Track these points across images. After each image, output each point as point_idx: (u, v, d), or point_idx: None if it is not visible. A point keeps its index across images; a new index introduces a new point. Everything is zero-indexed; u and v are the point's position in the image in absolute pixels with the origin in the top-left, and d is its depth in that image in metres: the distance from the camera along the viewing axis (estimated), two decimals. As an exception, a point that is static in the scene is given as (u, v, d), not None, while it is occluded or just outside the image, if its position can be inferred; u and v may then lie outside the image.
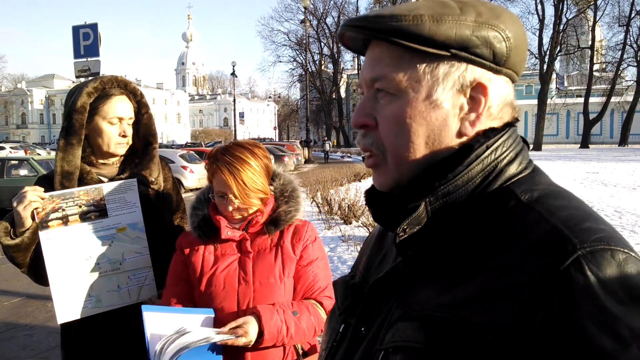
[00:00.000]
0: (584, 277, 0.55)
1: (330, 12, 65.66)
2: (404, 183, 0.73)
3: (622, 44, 48.01)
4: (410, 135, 0.71)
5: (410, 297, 0.69)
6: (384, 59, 0.72)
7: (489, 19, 0.69)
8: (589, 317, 0.53)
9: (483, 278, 0.61)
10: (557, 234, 0.59)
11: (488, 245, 0.64)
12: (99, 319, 1.82)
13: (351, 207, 8.84)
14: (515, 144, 0.74)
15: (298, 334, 1.57)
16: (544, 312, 0.55)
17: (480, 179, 0.70)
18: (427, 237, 0.69)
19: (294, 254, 1.68)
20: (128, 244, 1.85)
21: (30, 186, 1.75)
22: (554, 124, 64.49)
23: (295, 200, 1.74)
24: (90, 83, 1.87)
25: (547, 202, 0.66)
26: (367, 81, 0.74)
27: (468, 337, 0.59)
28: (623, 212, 9.47)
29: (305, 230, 1.73)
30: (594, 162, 24.88)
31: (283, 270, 1.66)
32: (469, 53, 0.68)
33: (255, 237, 1.69)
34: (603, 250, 0.57)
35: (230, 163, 1.59)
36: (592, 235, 0.59)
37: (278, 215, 1.69)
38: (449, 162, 0.70)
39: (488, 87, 0.70)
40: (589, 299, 0.54)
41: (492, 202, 0.68)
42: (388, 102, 0.72)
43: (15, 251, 1.73)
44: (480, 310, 0.59)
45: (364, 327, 0.76)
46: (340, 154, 41.27)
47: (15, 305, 5.49)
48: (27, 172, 11.67)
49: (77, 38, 10.02)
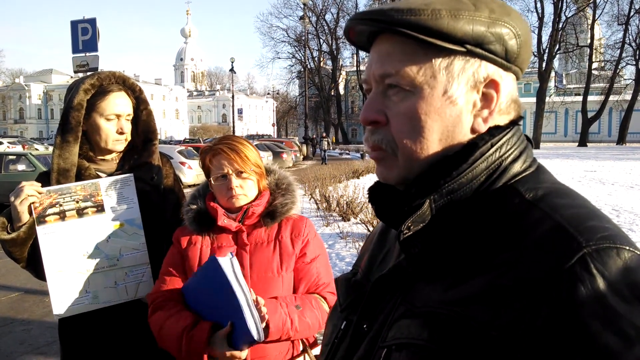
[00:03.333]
0: (590, 275, 0.55)
1: (330, 8, 65.62)
2: (410, 180, 0.73)
3: (621, 43, 48.03)
4: (424, 131, 0.70)
5: (413, 294, 0.69)
6: (396, 54, 0.70)
7: (501, 16, 0.69)
8: (594, 315, 0.53)
9: (487, 275, 0.61)
10: (562, 232, 0.59)
11: (492, 242, 0.64)
12: (96, 314, 1.81)
13: (350, 204, 8.84)
14: (520, 142, 0.74)
15: (303, 328, 1.58)
16: (548, 309, 0.55)
17: (485, 177, 0.70)
18: (431, 234, 0.69)
19: (292, 248, 1.69)
20: (125, 240, 1.85)
21: (27, 181, 1.75)
22: (553, 122, 64.55)
23: (291, 193, 1.77)
24: (87, 79, 1.86)
25: (551, 200, 0.66)
26: (377, 77, 0.73)
27: (472, 334, 0.58)
28: (621, 210, 9.49)
29: (304, 225, 1.75)
30: (592, 160, 24.92)
31: (281, 265, 1.66)
32: (484, 49, 0.69)
33: (252, 230, 1.71)
34: (609, 249, 0.57)
35: (229, 143, 1.68)
36: (598, 233, 0.59)
37: (274, 208, 1.72)
38: (454, 159, 0.69)
39: (500, 83, 0.71)
40: (594, 297, 0.54)
41: (496, 200, 0.68)
42: (402, 98, 0.71)
43: (12, 246, 1.73)
44: (484, 308, 0.59)
45: (366, 324, 0.76)
46: (339, 151, 41.21)
47: (13, 300, 5.49)
48: (25, 167, 11.65)
49: (76, 33, 9.98)
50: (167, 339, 1.59)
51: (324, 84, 67.93)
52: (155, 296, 1.71)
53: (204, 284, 1.58)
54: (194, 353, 1.52)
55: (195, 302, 1.64)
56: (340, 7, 62.99)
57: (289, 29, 68.38)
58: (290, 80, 66.99)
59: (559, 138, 66.42)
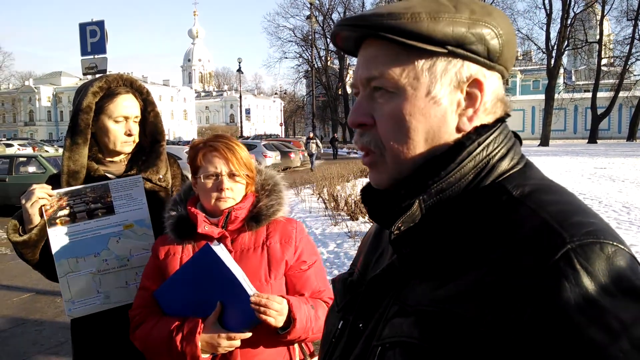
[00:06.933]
0: (574, 270, 0.56)
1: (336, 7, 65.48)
2: (400, 181, 0.74)
3: (630, 38, 47.51)
4: (410, 132, 0.71)
5: (406, 293, 0.70)
6: (380, 57, 0.72)
7: (482, 17, 0.70)
8: (579, 310, 0.54)
9: (475, 273, 0.62)
10: (547, 228, 0.60)
11: (480, 240, 0.65)
12: (108, 314, 1.84)
13: (357, 203, 8.83)
14: (507, 139, 0.74)
15: (318, 329, 1.51)
16: (534, 305, 0.56)
17: (473, 176, 0.71)
18: (421, 234, 0.70)
19: (282, 254, 1.60)
20: (135, 240, 1.87)
21: (38, 184, 1.77)
22: (562, 119, 64.03)
23: (277, 194, 1.67)
24: (95, 82, 1.88)
25: (537, 197, 0.67)
26: (363, 80, 0.74)
27: (462, 331, 0.59)
28: (631, 207, 9.40)
29: (295, 229, 1.65)
30: (601, 157, 24.71)
31: (269, 272, 1.57)
32: (465, 50, 0.70)
33: (237, 235, 1.61)
34: (592, 244, 0.58)
35: (227, 143, 1.60)
36: (582, 229, 0.60)
37: (259, 210, 1.62)
38: (442, 159, 0.70)
39: (484, 82, 0.72)
40: (579, 292, 0.55)
41: (484, 198, 0.69)
42: (386, 100, 0.72)
43: (24, 248, 1.75)
44: (473, 305, 0.60)
45: (362, 323, 0.77)
46: (347, 150, 41.15)
47: (25, 301, 5.54)
48: (36, 169, 11.74)
49: (84, 35, 10.03)
50: (155, 345, 1.54)
51: (331, 83, 67.89)
52: (135, 312, 1.65)
53: (192, 275, 1.52)
54: (189, 353, 1.46)
55: (174, 305, 1.58)
56: (347, 6, 62.91)
57: (295, 28, 68.51)
58: (298, 79, 67.09)
59: (568, 135, 65.89)
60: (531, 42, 50.51)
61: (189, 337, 1.47)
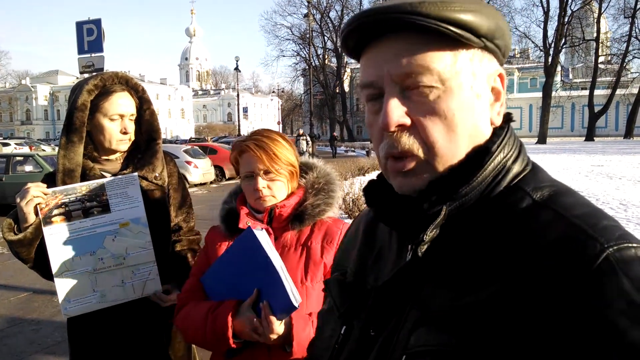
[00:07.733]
0: (615, 274, 0.56)
1: (334, 6, 65.53)
2: (435, 184, 0.70)
3: (627, 36, 47.65)
4: (458, 128, 0.68)
5: (425, 299, 0.68)
6: (417, 50, 0.66)
7: (498, 12, 0.71)
8: (622, 313, 0.55)
9: (505, 277, 0.61)
10: (581, 233, 0.60)
11: (505, 244, 0.64)
12: (104, 313, 1.83)
13: (355, 202, 8.83)
14: (517, 140, 0.74)
15: None
16: (576, 310, 0.56)
17: (491, 179, 0.69)
18: (442, 238, 0.68)
19: (321, 257, 1.52)
20: (131, 238, 1.86)
21: (33, 182, 1.76)
22: (559, 117, 64.19)
23: (327, 194, 1.58)
24: (90, 80, 1.87)
25: (559, 200, 0.66)
26: (396, 76, 0.67)
27: (495, 337, 0.58)
28: (628, 205, 9.43)
29: (340, 231, 1.55)
30: (599, 154, 24.76)
31: (306, 274, 1.50)
32: (494, 44, 0.69)
33: (281, 233, 1.57)
34: (627, 248, 0.58)
35: (257, 139, 1.54)
36: (615, 232, 0.60)
37: (304, 209, 1.55)
38: (469, 163, 0.69)
39: (505, 77, 0.72)
40: (621, 296, 0.55)
41: (505, 202, 0.68)
42: (430, 96, 0.67)
43: (19, 247, 1.74)
44: (507, 310, 0.59)
45: (373, 330, 0.74)
46: (345, 148, 41.18)
47: (22, 301, 5.53)
48: (32, 168, 11.72)
49: (81, 34, 9.99)
50: (192, 326, 1.50)
51: (329, 81, 67.95)
52: (181, 296, 1.65)
53: (235, 259, 1.48)
54: (219, 332, 1.41)
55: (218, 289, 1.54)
56: (344, 5, 62.91)
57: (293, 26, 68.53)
58: (295, 78, 67.04)
59: (565, 133, 66.00)
60: (528, 40, 50.72)
61: (221, 317, 1.42)
